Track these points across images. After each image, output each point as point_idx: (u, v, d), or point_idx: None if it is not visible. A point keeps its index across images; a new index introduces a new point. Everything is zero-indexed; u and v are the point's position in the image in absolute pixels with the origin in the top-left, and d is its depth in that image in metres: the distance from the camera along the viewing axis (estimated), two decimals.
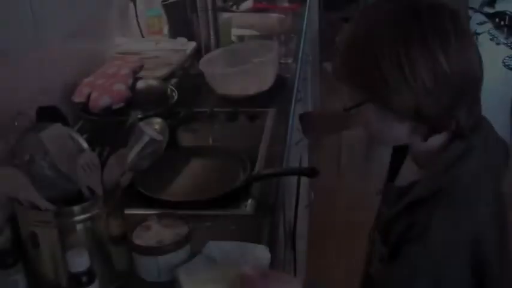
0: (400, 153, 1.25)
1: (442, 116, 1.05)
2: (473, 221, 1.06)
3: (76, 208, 1.13)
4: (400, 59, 1.00)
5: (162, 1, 2.54)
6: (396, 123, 1.08)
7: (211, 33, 2.37)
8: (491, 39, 5.92)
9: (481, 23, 6.26)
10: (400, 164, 1.26)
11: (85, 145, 1.21)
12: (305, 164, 2.99)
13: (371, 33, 1.05)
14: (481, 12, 6.54)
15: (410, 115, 1.04)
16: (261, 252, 1.19)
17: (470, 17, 6.15)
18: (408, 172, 1.20)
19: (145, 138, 1.25)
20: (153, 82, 1.91)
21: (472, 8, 6.42)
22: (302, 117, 1.79)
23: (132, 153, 1.23)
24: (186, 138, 1.85)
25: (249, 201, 1.46)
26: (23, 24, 1.01)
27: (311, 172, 1.59)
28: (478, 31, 6.00)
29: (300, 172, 1.93)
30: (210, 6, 2.33)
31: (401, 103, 1.03)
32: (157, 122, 1.34)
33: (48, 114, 1.24)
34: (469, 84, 1.04)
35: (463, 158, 1.07)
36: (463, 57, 1.02)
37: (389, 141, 1.21)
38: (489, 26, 6.23)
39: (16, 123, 1.18)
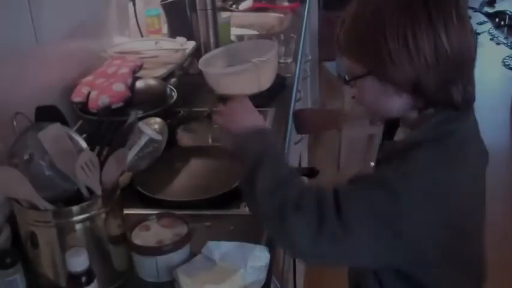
0: (392, 126, 1.30)
1: (438, 91, 1.11)
2: (455, 179, 1.10)
3: (75, 208, 1.12)
4: (406, 33, 1.07)
5: (161, 0, 2.53)
6: (394, 96, 1.14)
7: (211, 32, 2.36)
8: (491, 39, 5.92)
9: (481, 23, 6.26)
10: (393, 135, 1.31)
11: (84, 145, 1.21)
12: (305, 164, 3.00)
13: (380, 8, 1.10)
14: (481, 12, 6.54)
15: (409, 88, 1.11)
16: (260, 253, 1.18)
17: (470, 17, 6.13)
18: (401, 136, 1.26)
19: (145, 138, 1.25)
20: (152, 82, 1.91)
21: (472, 8, 6.42)
22: (295, 115, 1.79)
23: (131, 153, 1.23)
24: (185, 138, 1.84)
25: None
26: (21, 24, 1.01)
27: (310, 172, 1.59)
28: (478, 31, 5.99)
29: (299, 172, 1.92)
30: (209, 6, 2.32)
31: (402, 76, 1.09)
32: (156, 122, 1.33)
33: (47, 114, 1.23)
34: (465, 62, 1.12)
35: (454, 120, 1.13)
36: (462, 38, 1.10)
37: (385, 114, 1.24)
38: (489, 25, 6.23)
39: (15, 123, 1.18)
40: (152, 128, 1.29)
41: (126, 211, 1.26)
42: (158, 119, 1.35)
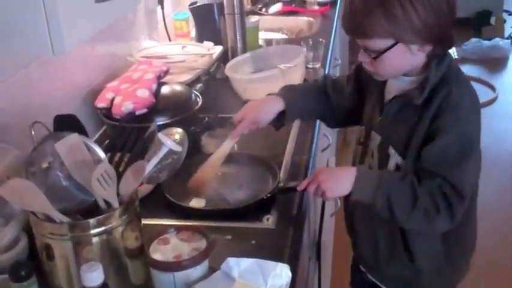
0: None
1: (450, 34, 1.32)
2: (477, 97, 1.37)
3: (92, 221, 1.10)
4: (426, 0, 1.24)
5: (189, 4, 2.51)
6: (419, 52, 1.31)
7: (238, 37, 2.33)
8: None
9: None
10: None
11: (102, 155, 1.18)
12: None
13: None
14: None
15: (433, 40, 1.28)
16: (282, 271, 1.14)
17: (505, 20, 5.99)
18: (394, 89, 1.41)
19: (164, 150, 1.22)
20: (178, 87, 1.88)
21: (506, 11, 6.26)
22: None
23: (150, 165, 1.20)
24: (210, 145, 1.81)
25: (271, 213, 1.42)
26: (37, 35, 0.98)
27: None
28: None
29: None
30: (237, 10, 2.29)
31: (429, 32, 1.26)
32: (177, 132, 1.30)
33: (65, 123, 1.21)
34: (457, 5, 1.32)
35: (444, 56, 1.35)
36: None
37: (407, 71, 1.37)
38: None
39: (33, 132, 1.16)
40: (173, 138, 1.26)
41: (145, 220, 1.23)
42: (179, 129, 1.31)
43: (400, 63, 1.33)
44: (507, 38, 5.75)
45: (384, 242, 1.51)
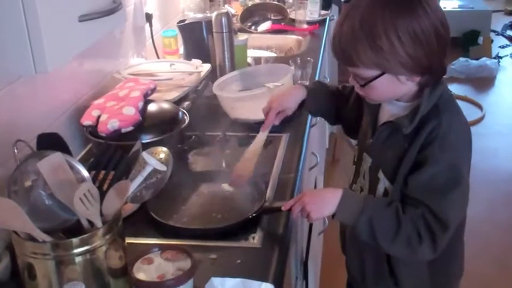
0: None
1: (441, 65, 1.31)
2: (466, 123, 1.37)
3: (75, 240, 1.09)
4: (414, 28, 1.22)
5: (178, 22, 2.52)
6: (407, 82, 1.29)
7: (226, 55, 2.33)
8: None
9: (503, 47, 6.17)
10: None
11: (85, 174, 1.17)
12: (320, 186, 2.94)
13: (382, 15, 1.22)
14: (504, 36, 6.45)
15: (422, 71, 1.27)
16: None
17: (493, 40, 6.06)
18: (387, 113, 1.41)
19: (148, 169, 1.21)
20: (165, 105, 1.87)
21: (494, 31, 6.34)
22: None
23: (134, 184, 1.19)
24: (197, 163, 1.80)
25: (257, 232, 1.41)
26: (20, 54, 0.98)
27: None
28: (500, 54, 5.91)
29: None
30: (225, 29, 2.30)
31: (418, 64, 1.25)
32: (162, 151, 1.29)
33: (49, 142, 1.20)
34: (448, 34, 1.30)
35: (438, 84, 1.33)
36: (443, 12, 1.28)
37: (397, 97, 1.37)
38: None
39: (15, 151, 1.15)
40: (157, 157, 1.25)
41: (129, 240, 1.22)
42: (164, 148, 1.31)
43: (389, 90, 1.32)
44: (494, 58, 5.81)
45: (370, 263, 1.51)
